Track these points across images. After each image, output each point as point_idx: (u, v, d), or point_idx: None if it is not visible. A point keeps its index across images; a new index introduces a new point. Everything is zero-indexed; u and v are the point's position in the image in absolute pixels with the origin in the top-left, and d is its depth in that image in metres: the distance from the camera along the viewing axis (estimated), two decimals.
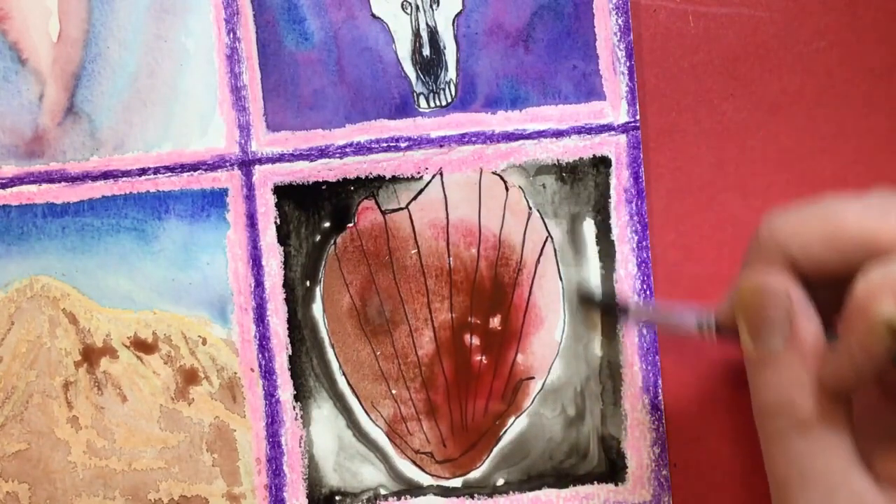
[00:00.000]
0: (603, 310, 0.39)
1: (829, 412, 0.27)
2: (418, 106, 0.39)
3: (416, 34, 0.39)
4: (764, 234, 0.29)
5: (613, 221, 0.39)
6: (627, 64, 0.39)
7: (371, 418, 0.39)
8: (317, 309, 0.39)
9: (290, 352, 0.39)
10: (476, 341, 0.39)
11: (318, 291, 0.39)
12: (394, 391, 0.39)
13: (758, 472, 0.39)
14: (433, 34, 0.39)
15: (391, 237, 0.39)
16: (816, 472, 0.27)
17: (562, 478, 0.39)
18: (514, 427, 0.39)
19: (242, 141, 0.39)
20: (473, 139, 0.39)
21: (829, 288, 0.28)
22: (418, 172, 0.39)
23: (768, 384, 0.28)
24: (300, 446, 0.39)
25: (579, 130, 0.39)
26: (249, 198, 0.39)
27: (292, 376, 0.39)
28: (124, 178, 0.39)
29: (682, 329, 0.34)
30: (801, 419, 0.27)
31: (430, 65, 0.39)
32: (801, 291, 0.28)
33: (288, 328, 0.39)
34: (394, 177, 0.39)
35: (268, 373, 0.39)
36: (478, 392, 0.39)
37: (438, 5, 0.38)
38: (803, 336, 0.28)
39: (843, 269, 0.28)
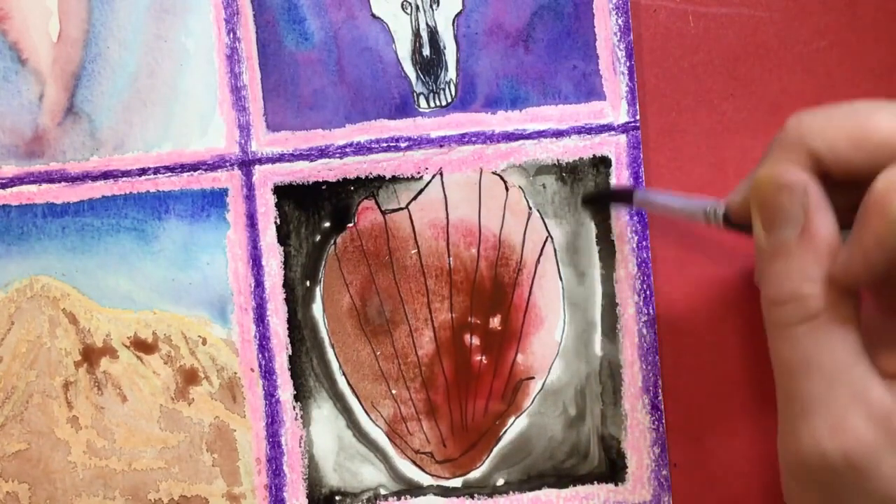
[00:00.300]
0: (609, 199, 0.38)
1: (837, 306, 0.27)
2: (418, 106, 0.39)
3: (416, 34, 0.39)
4: (791, 129, 0.29)
5: (613, 221, 0.39)
6: (627, 64, 0.39)
7: (371, 418, 0.39)
8: (317, 309, 0.39)
9: (290, 352, 0.39)
10: (476, 341, 0.39)
11: (318, 291, 0.39)
12: (394, 391, 0.39)
13: (758, 472, 0.39)
14: (433, 34, 0.39)
15: (391, 237, 0.39)
16: (821, 362, 0.27)
17: (562, 478, 0.39)
18: (514, 427, 0.39)
19: (242, 141, 0.39)
20: (473, 139, 0.39)
21: (849, 189, 0.28)
22: (418, 172, 0.39)
23: (779, 275, 0.28)
24: (300, 446, 0.39)
25: (579, 130, 0.39)
26: (249, 198, 0.39)
27: (292, 376, 0.39)
28: (124, 178, 0.39)
29: (688, 215, 0.34)
30: (809, 310, 0.27)
31: (430, 65, 0.39)
32: (819, 186, 0.28)
33: (288, 328, 0.39)
34: (394, 177, 0.39)
35: (268, 373, 0.39)
36: (478, 392, 0.39)
37: (438, 5, 0.38)
38: (817, 229, 0.28)
39: (867, 171, 0.27)
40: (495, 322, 0.39)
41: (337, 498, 0.39)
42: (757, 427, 0.39)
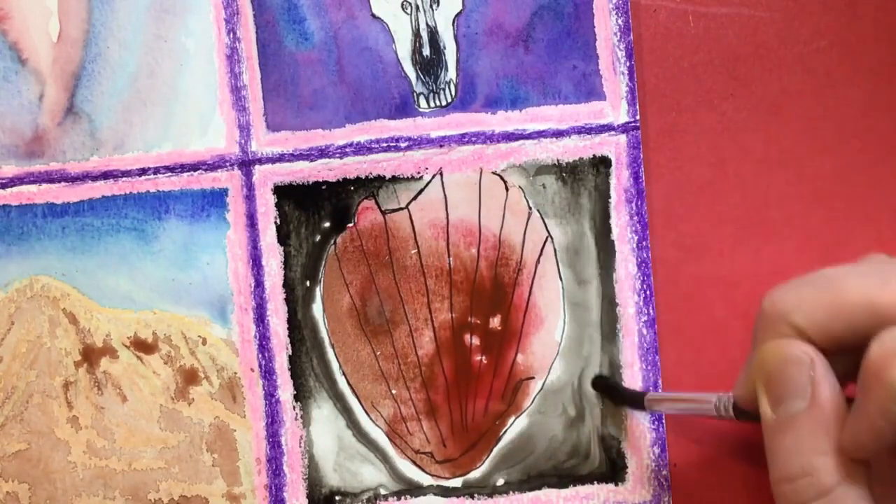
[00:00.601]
0: (621, 400, 0.39)
1: (850, 477, 0.27)
2: (418, 106, 0.39)
3: (416, 34, 0.39)
4: (768, 310, 0.29)
5: (613, 221, 0.39)
6: (627, 64, 0.39)
7: (371, 418, 0.39)
8: (317, 309, 0.39)
9: (290, 352, 0.39)
10: (476, 341, 0.39)
11: (318, 291, 0.39)
12: (394, 391, 0.39)
13: (757, 472, 0.39)
14: (433, 34, 0.39)
15: (391, 237, 0.39)
16: None
17: (562, 478, 0.39)
18: (514, 427, 0.39)
19: (242, 141, 0.39)
20: (473, 139, 0.39)
21: (837, 356, 0.28)
22: (418, 172, 0.39)
23: (789, 450, 0.28)
24: (300, 446, 0.39)
25: (579, 130, 0.39)
26: (249, 198, 0.39)
27: (292, 376, 0.39)
28: (124, 178, 0.39)
29: (700, 412, 0.34)
30: (823, 485, 0.27)
31: (430, 65, 0.39)
32: (822, 356, 0.28)
33: (288, 328, 0.39)
34: (394, 177, 0.39)
35: (268, 373, 0.39)
36: (478, 392, 0.39)
37: (438, 5, 0.38)
38: (824, 400, 0.28)
39: (850, 337, 0.28)
40: (495, 322, 0.39)
41: (337, 498, 0.39)
42: (757, 427, 0.39)
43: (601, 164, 0.39)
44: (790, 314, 0.29)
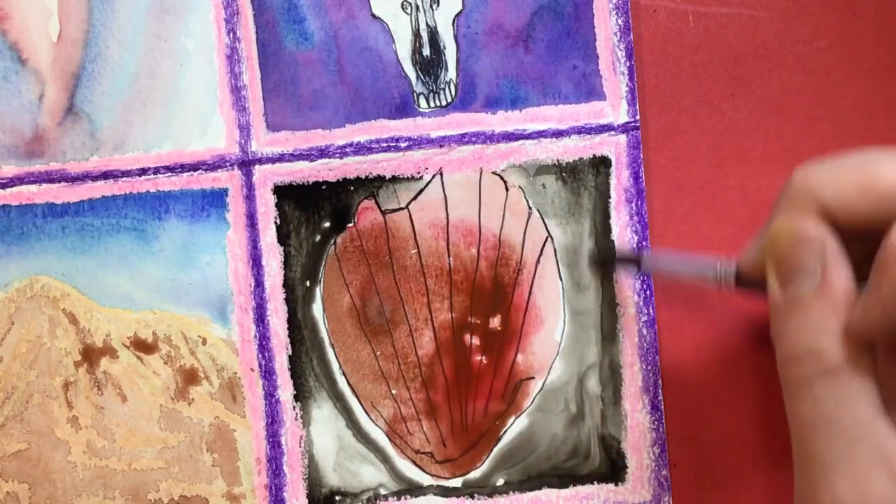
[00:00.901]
0: (617, 264, 0.38)
1: (856, 360, 0.27)
2: (418, 106, 0.39)
3: (416, 34, 0.39)
4: (798, 182, 0.29)
5: (613, 221, 0.39)
6: (627, 64, 0.39)
7: (371, 418, 0.39)
8: (317, 309, 0.39)
9: (290, 352, 0.39)
10: (476, 341, 0.39)
11: (318, 291, 0.39)
12: (394, 391, 0.39)
13: (758, 472, 0.39)
14: (433, 34, 0.39)
15: (391, 237, 0.39)
16: (841, 419, 0.27)
17: (562, 478, 0.39)
18: (514, 427, 0.39)
19: (242, 141, 0.39)
20: (473, 139, 0.39)
21: (860, 241, 0.28)
22: (418, 172, 0.39)
23: (796, 329, 0.28)
24: (300, 446, 0.39)
25: (579, 130, 0.39)
26: (249, 198, 0.39)
27: (292, 376, 0.39)
28: (124, 178, 0.39)
29: (699, 278, 0.33)
30: (828, 366, 0.27)
31: (430, 65, 0.39)
32: (835, 239, 0.28)
33: (288, 328, 0.39)
34: (394, 177, 0.39)
35: (268, 373, 0.39)
36: (478, 392, 0.39)
37: (438, 5, 0.38)
38: (835, 282, 0.27)
39: (877, 221, 0.27)
40: (495, 322, 0.39)
41: (337, 498, 0.39)
42: (757, 427, 0.39)
43: (601, 164, 0.39)
44: (821, 191, 0.28)
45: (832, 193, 0.28)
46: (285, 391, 0.39)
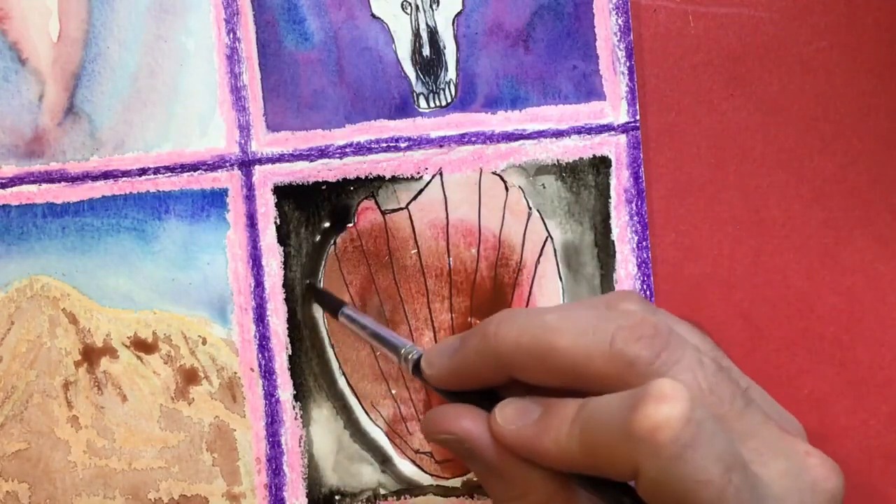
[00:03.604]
0: (324, 304, 0.39)
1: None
2: (418, 106, 0.39)
3: (416, 34, 0.39)
4: (490, 337, 0.30)
5: (613, 221, 0.39)
6: (627, 64, 0.39)
7: (371, 418, 0.39)
8: (317, 309, 0.39)
9: (290, 352, 0.39)
10: None
11: None
12: (394, 391, 0.39)
13: None
14: (433, 34, 0.39)
15: (391, 237, 0.39)
16: None
17: None
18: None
19: (242, 141, 0.39)
20: (473, 139, 0.39)
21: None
22: (418, 172, 0.39)
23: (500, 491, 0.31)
24: (300, 446, 0.39)
25: (579, 130, 0.39)
26: (249, 198, 0.39)
27: (292, 376, 0.39)
28: (124, 178, 0.39)
29: (386, 348, 0.35)
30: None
31: (430, 65, 0.39)
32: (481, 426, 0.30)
33: (288, 328, 0.39)
34: (394, 177, 0.39)
35: (268, 373, 0.39)
36: None
37: (438, 5, 0.38)
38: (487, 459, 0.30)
39: (555, 385, 0.29)
40: None
41: (337, 497, 0.39)
42: None
43: (601, 165, 0.39)
44: (507, 356, 0.30)
45: (513, 358, 0.29)
46: (285, 391, 0.39)
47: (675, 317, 0.33)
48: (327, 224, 0.39)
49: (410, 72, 0.39)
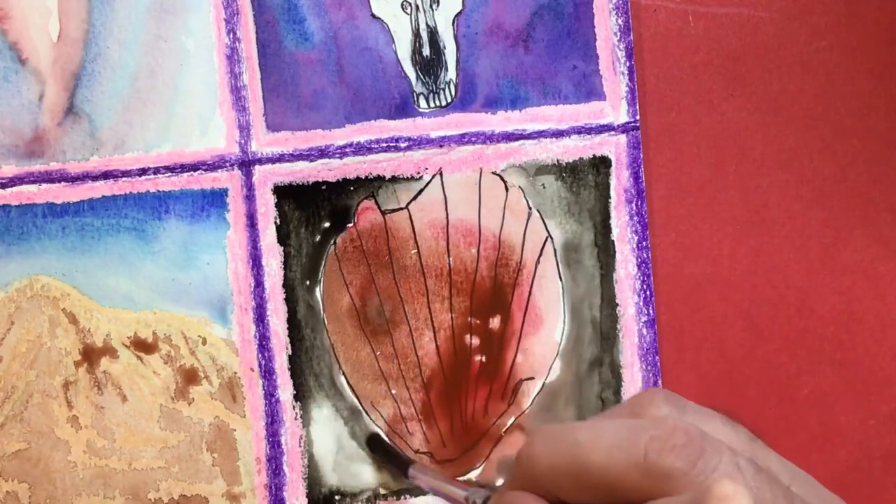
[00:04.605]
0: (388, 459, 0.39)
1: None
2: (418, 106, 0.39)
3: (416, 34, 0.39)
4: (524, 462, 0.30)
5: (613, 221, 0.39)
6: (627, 64, 0.39)
7: (371, 418, 0.39)
8: (317, 309, 0.39)
9: (290, 352, 0.39)
10: (476, 341, 0.39)
11: (318, 291, 0.39)
12: (394, 391, 0.39)
13: None
14: (433, 34, 0.39)
15: (391, 237, 0.39)
16: None
17: None
18: (514, 427, 0.39)
19: (242, 141, 0.39)
20: (473, 139, 0.39)
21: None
22: (418, 172, 0.39)
23: None
24: (300, 446, 0.39)
25: (579, 130, 0.39)
26: (249, 198, 0.39)
27: (292, 376, 0.39)
28: (124, 178, 0.39)
29: (452, 499, 0.34)
30: None
31: (430, 65, 0.39)
32: None
33: (288, 328, 0.39)
34: (394, 177, 0.39)
35: (268, 373, 0.39)
36: (478, 392, 0.39)
37: (438, 5, 0.38)
38: None
39: (599, 501, 0.28)
40: (495, 322, 0.39)
41: (337, 497, 0.39)
42: (756, 427, 0.39)
43: (601, 164, 0.39)
44: (541, 475, 0.29)
45: (550, 480, 0.29)
46: (285, 391, 0.39)
47: (706, 410, 0.32)
48: (327, 224, 0.39)
49: (410, 72, 0.39)
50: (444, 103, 0.39)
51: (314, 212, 0.39)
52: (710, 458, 0.27)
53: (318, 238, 0.39)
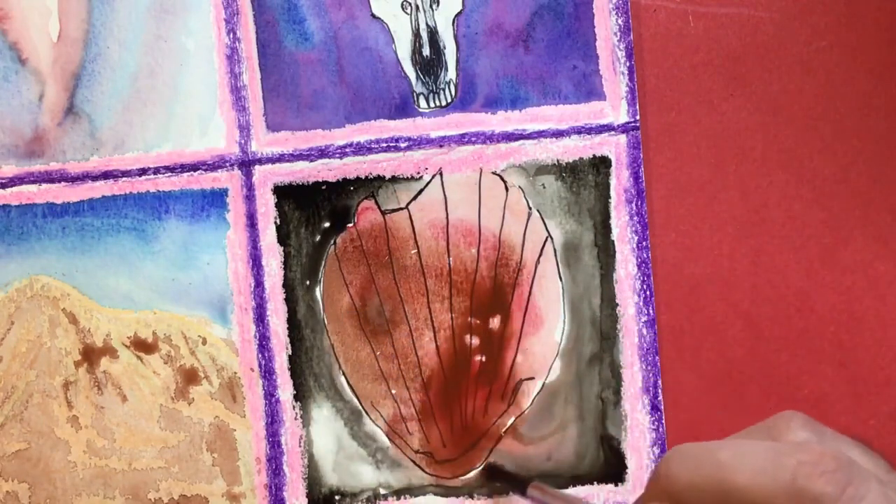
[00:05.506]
0: (509, 483, 0.39)
1: None
2: (418, 106, 0.39)
3: (416, 34, 0.39)
4: (662, 478, 0.29)
5: (613, 221, 0.39)
6: (627, 64, 0.39)
7: (371, 418, 0.39)
8: (317, 309, 0.39)
9: (290, 352, 0.39)
10: (476, 341, 0.39)
11: (318, 291, 0.39)
12: (394, 391, 0.39)
13: None
14: (433, 34, 0.39)
15: (391, 237, 0.39)
16: None
17: (562, 478, 0.39)
18: (514, 427, 0.39)
19: (242, 141, 0.39)
20: (473, 139, 0.39)
21: None
22: (418, 172, 0.39)
23: None
24: (300, 446, 0.39)
25: (579, 130, 0.39)
26: (249, 198, 0.39)
27: (292, 376, 0.39)
28: (124, 178, 0.39)
29: None
30: None
31: (430, 65, 0.39)
32: None
33: (288, 328, 0.39)
34: (394, 177, 0.39)
35: (268, 373, 0.39)
36: (478, 392, 0.39)
37: (438, 5, 0.38)
38: None
39: None
40: (495, 322, 0.39)
41: (337, 497, 0.39)
42: None
43: (601, 164, 0.39)
44: (682, 492, 0.29)
45: (690, 498, 0.28)
46: (285, 391, 0.39)
47: (845, 437, 0.32)
48: (327, 224, 0.39)
49: (410, 72, 0.39)
50: (444, 103, 0.39)
51: (314, 212, 0.39)
52: (859, 486, 0.27)
53: (318, 238, 0.39)
